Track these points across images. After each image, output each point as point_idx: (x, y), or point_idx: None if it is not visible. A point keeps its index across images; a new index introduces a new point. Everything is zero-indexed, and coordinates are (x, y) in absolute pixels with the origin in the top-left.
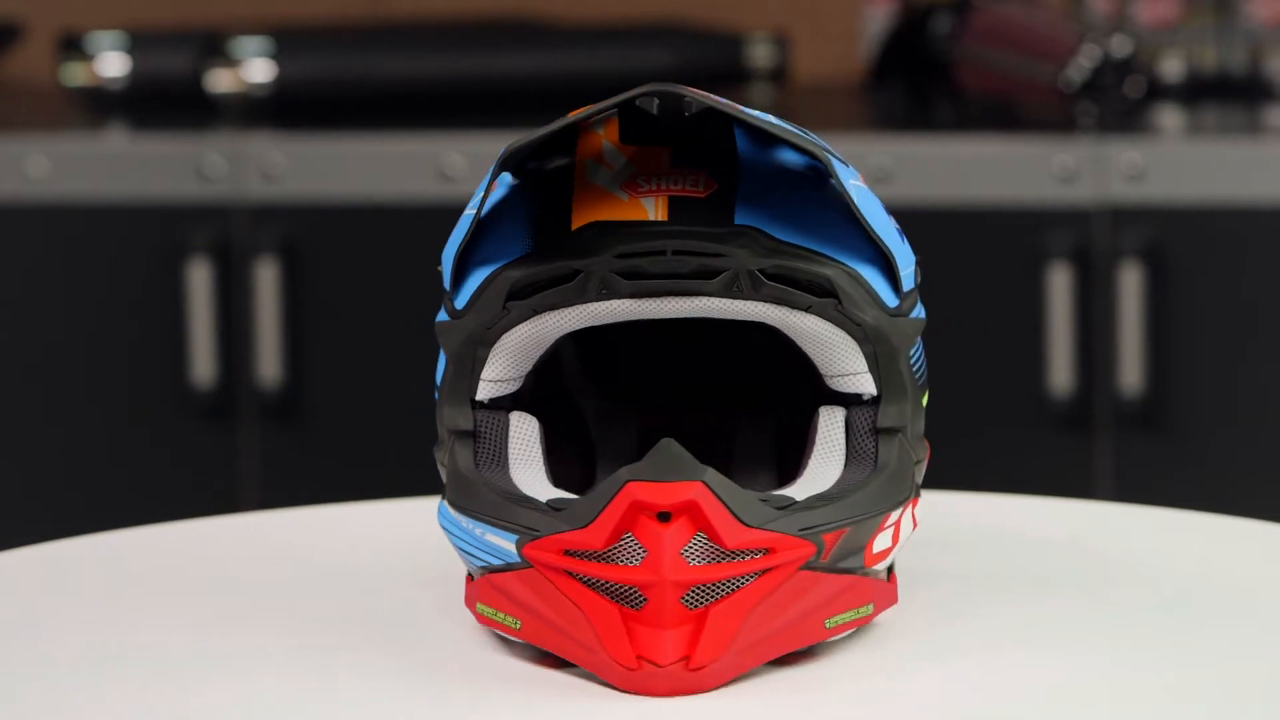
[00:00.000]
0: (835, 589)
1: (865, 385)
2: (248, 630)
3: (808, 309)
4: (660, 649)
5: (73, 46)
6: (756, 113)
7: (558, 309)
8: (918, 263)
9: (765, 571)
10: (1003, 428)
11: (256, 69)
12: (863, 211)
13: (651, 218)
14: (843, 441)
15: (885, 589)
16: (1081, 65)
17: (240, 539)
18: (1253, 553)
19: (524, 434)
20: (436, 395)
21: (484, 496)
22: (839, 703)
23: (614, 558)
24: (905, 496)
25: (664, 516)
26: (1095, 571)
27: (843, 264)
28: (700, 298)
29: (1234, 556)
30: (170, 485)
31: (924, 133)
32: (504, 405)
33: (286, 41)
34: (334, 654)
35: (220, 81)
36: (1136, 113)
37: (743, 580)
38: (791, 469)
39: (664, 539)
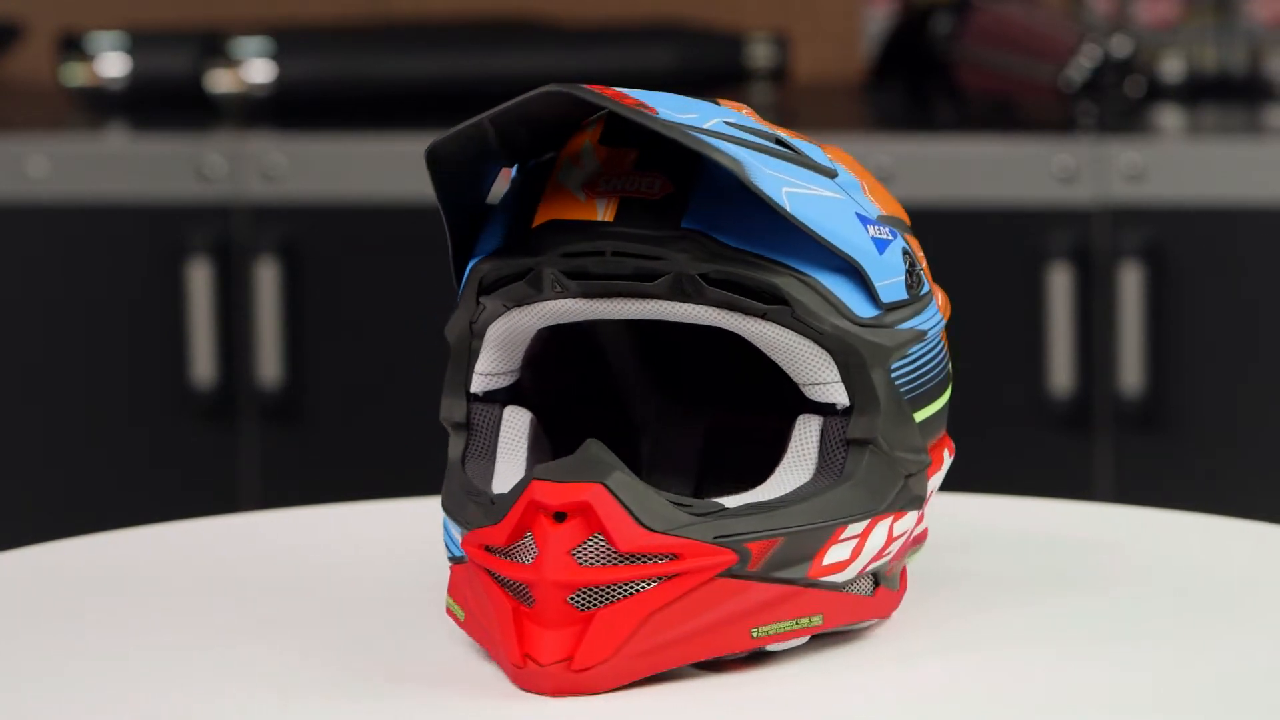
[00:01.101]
0: (765, 598)
1: (837, 395)
2: (248, 630)
3: (763, 316)
4: (543, 648)
5: (73, 46)
6: (679, 117)
7: (522, 305)
8: (919, 271)
9: (671, 577)
10: (1003, 428)
11: (256, 69)
12: (809, 220)
13: (599, 218)
14: (815, 451)
15: (851, 601)
16: (1081, 65)
17: (240, 539)
18: (1253, 553)
19: (514, 428)
20: None
21: (452, 489)
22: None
23: (514, 554)
24: (876, 508)
25: (560, 516)
26: (1094, 572)
27: (798, 271)
28: (651, 300)
29: (1234, 556)
30: (170, 485)
31: (924, 133)
32: (499, 399)
33: (286, 41)
34: (334, 654)
35: (220, 81)
36: (1136, 113)
37: (642, 585)
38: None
39: (551, 539)
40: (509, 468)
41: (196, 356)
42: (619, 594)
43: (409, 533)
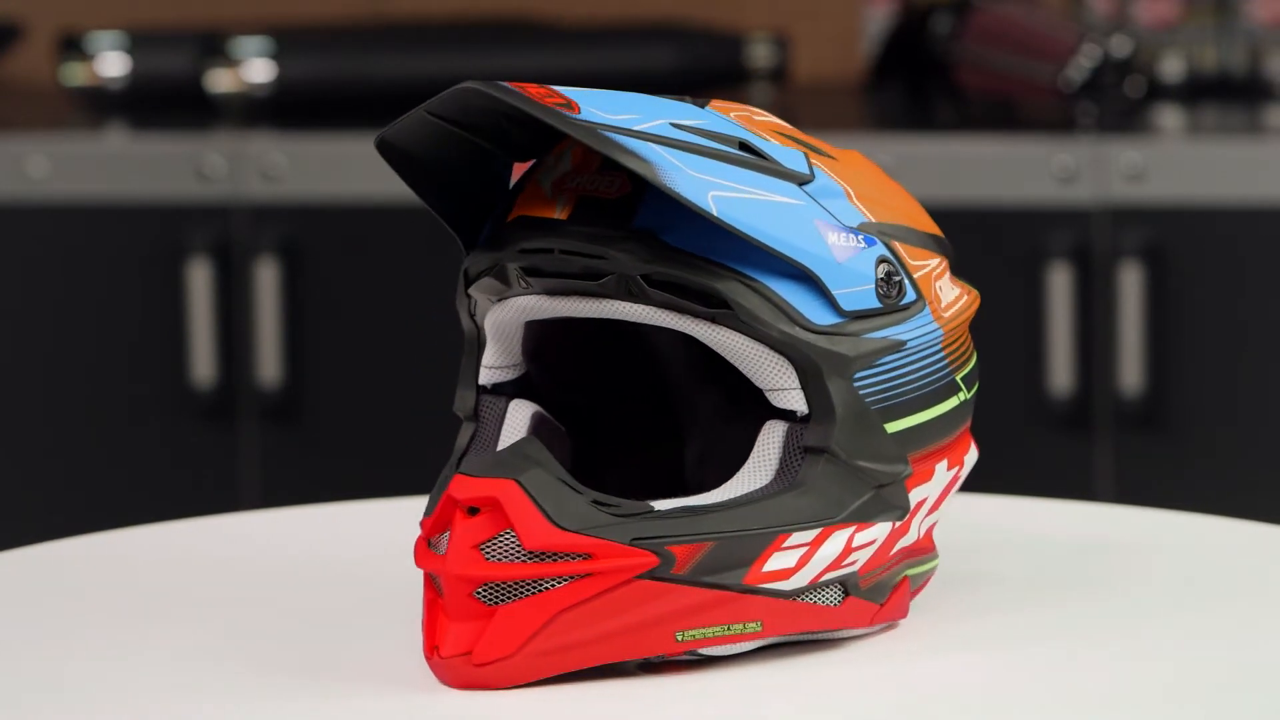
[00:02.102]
0: (693, 602)
1: (797, 402)
2: (248, 630)
3: (711, 319)
4: (447, 640)
5: (73, 46)
6: (610, 117)
7: (502, 300)
8: (900, 280)
9: (583, 576)
10: (1003, 428)
11: (256, 69)
12: (743, 224)
13: (555, 216)
14: (776, 457)
15: (808, 610)
16: (1081, 65)
17: (240, 539)
18: (1253, 553)
19: (516, 421)
20: None
21: (440, 479)
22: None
23: (436, 546)
24: (830, 517)
25: (474, 511)
26: (1094, 572)
27: (744, 275)
28: (604, 299)
29: (1234, 556)
30: (170, 485)
31: (924, 133)
32: (506, 391)
33: (286, 41)
34: (334, 654)
35: (220, 81)
36: (1136, 113)
37: (552, 583)
38: None
39: (459, 532)
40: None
41: (196, 356)
42: (526, 591)
43: (409, 532)
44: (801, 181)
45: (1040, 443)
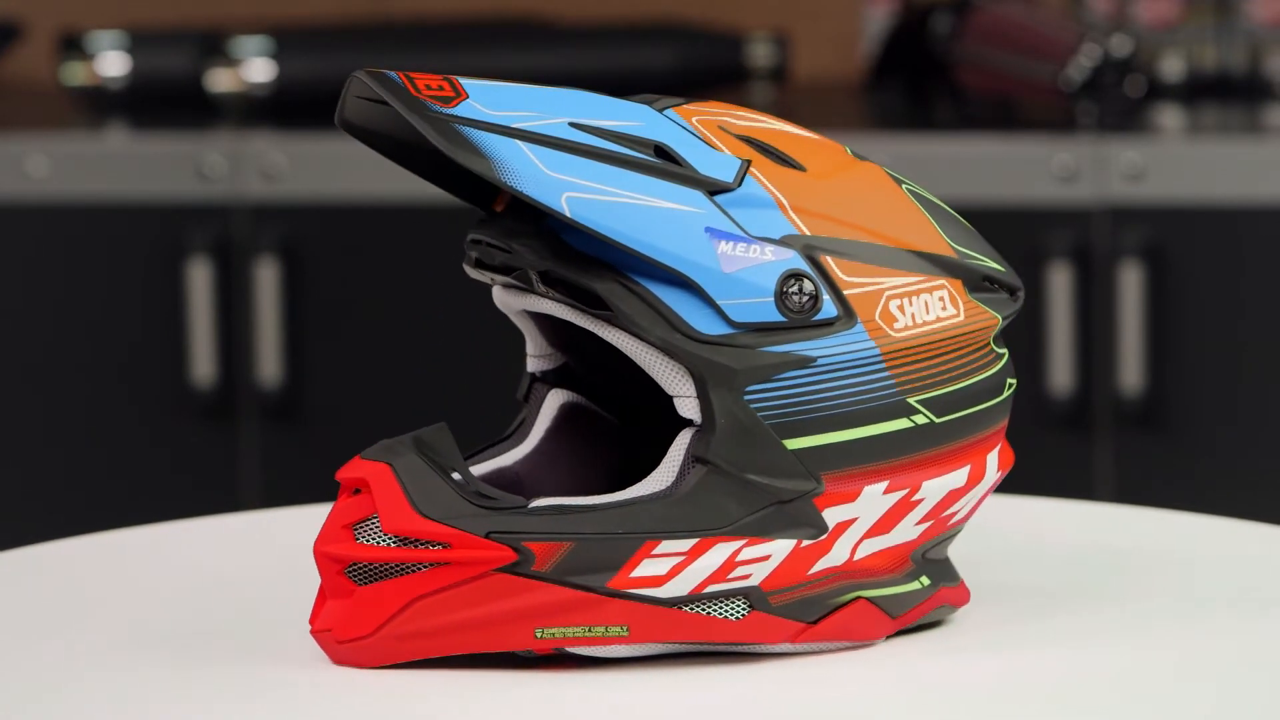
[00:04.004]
0: (554, 600)
1: (692, 410)
2: (248, 630)
3: (610, 322)
4: (317, 616)
5: (73, 46)
6: (498, 115)
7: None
8: (822, 295)
9: (442, 565)
10: None
11: (256, 69)
12: (606, 228)
13: (497, 208)
14: (677, 464)
15: (695, 620)
16: (1081, 65)
17: (240, 539)
18: (1253, 552)
19: (547, 409)
20: None
21: None
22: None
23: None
24: (709, 528)
25: (357, 491)
26: (1093, 572)
27: (627, 279)
28: (530, 294)
29: (1234, 556)
30: (170, 485)
31: (924, 133)
32: (549, 380)
33: (286, 41)
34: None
35: (220, 81)
36: (1136, 113)
37: (414, 568)
38: None
39: (334, 512)
40: (522, 449)
41: (196, 356)
42: (390, 574)
43: None
44: (715, 189)
45: (1040, 443)
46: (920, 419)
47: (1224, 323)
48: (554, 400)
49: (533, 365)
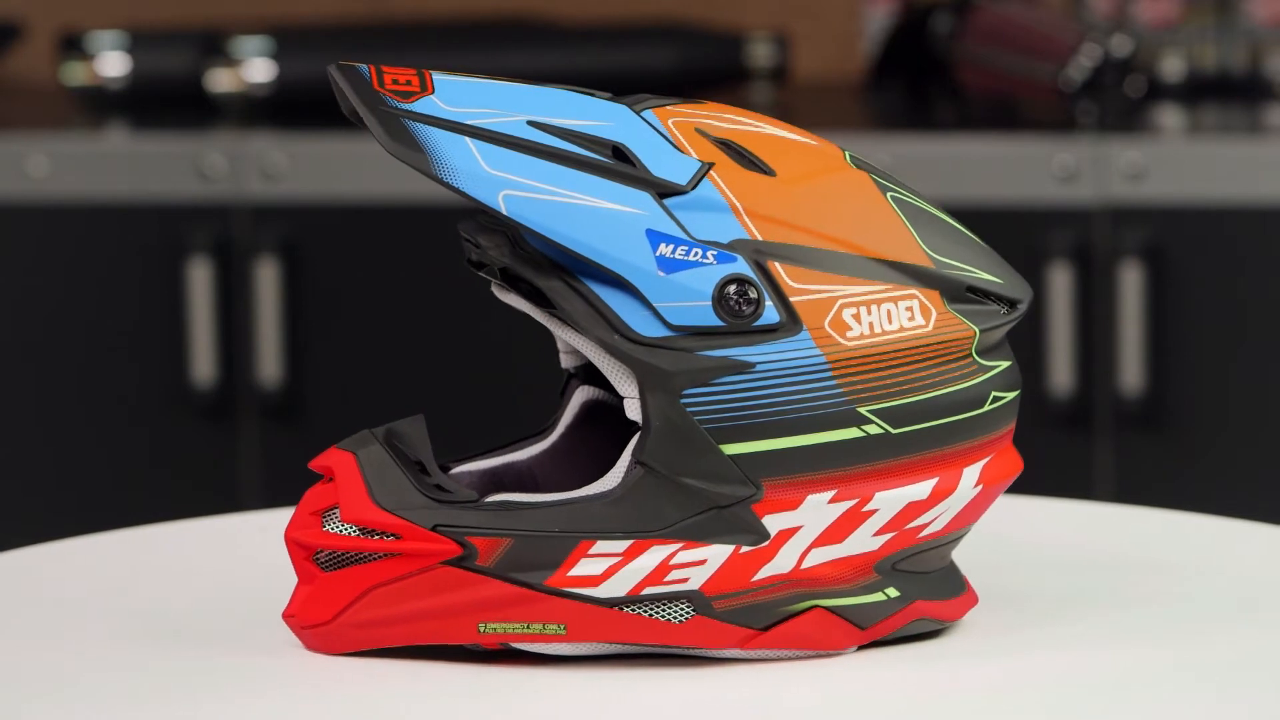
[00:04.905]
0: (496, 595)
1: (635, 411)
2: (249, 630)
3: (562, 321)
4: (290, 600)
5: (73, 46)
6: (452, 111)
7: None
8: (765, 301)
9: (394, 555)
10: None
11: (256, 69)
12: (543, 226)
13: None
14: (625, 465)
15: (633, 621)
16: (1081, 65)
17: (240, 539)
18: (1253, 552)
19: (572, 405)
20: None
21: None
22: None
23: None
24: (644, 531)
25: (330, 480)
26: (1093, 572)
27: (573, 278)
28: (508, 290)
29: (1234, 556)
30: (170, 485)
31: (924, 133)
32: (580, 375)
33: (286, 41)
34: (336, 656)
35: (220, 81)
36: (1136, 112)
37: (370, 557)
38: None
39: (304, 498)
40: (541, 445)
41: (196, 356)
42: (350, 562)
43: None
44: (666, 192)
45: (1040, 443)
46: (873, 429)
47: (1224, 323)
48: (579, 397)
49: (564, 361)
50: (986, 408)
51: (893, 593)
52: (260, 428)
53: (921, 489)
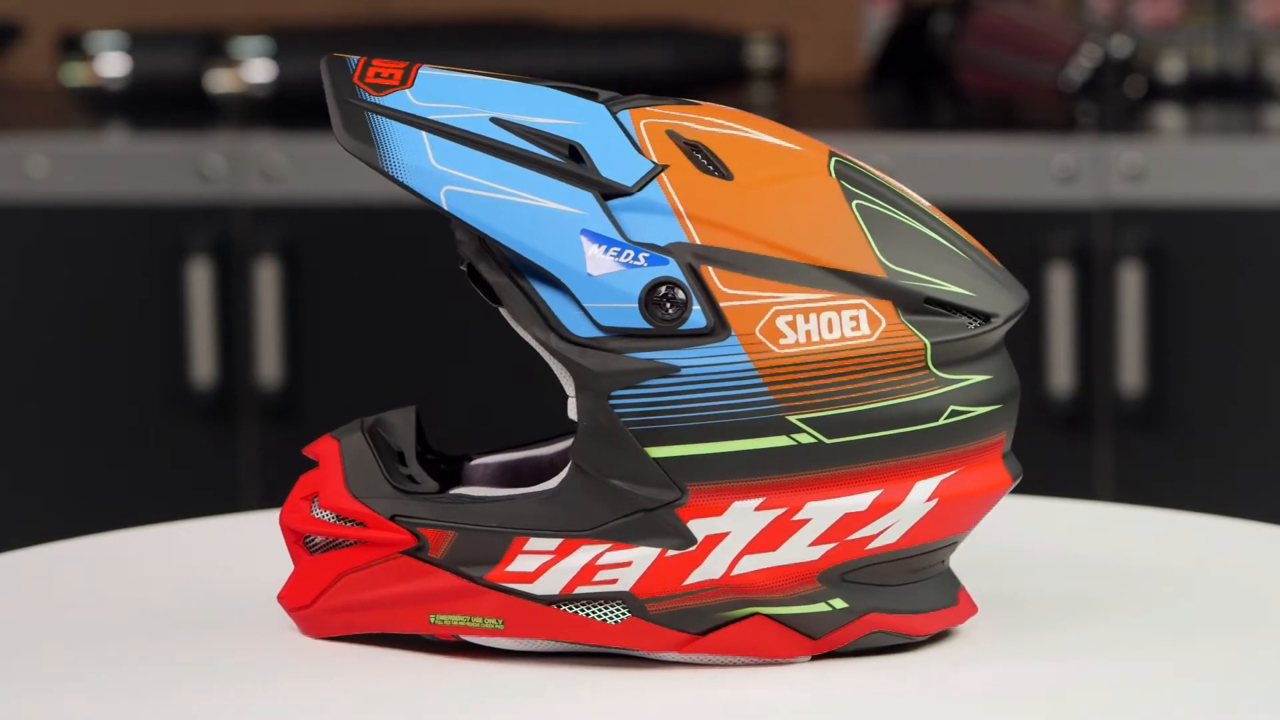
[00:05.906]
0: (444, 587)
1: (573, 410)
2: (249, 630)
3: (518, 319)
4: (285, 583)
5: (73, 46)
6: (420, 106)
7: None
8: (693, 305)
9: (361, 543)
10: None
11: (256, 69)
12: (482, 223)
13: None
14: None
15: (568, 620)
16: (1081, 65)
17: (240, 539)
18: (1253, 553)
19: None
20: None
21: None
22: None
23: None
24: (574, 530)
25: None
26: (1093, 572)
27: (519, 276)
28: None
29: (1234, 556)
30: (170, 485)
31: (924, 133)
32: None
33: (286, 41)
34: (333, 652)
35: (220, 81)
36: (1136, 113)
37: (344, 544)
38: None
39: (297, 484)
40: (567, 439)
41: (196, 356)
42: (330, 548)
43: None
44: (610, 193)
45: (1040, 443)
46: (804, 438)
47: (1224, 323)
48: None
49: None
50: (942, 421)
51: (839, 604)
52: (260, 428)
53: (859, 500)
